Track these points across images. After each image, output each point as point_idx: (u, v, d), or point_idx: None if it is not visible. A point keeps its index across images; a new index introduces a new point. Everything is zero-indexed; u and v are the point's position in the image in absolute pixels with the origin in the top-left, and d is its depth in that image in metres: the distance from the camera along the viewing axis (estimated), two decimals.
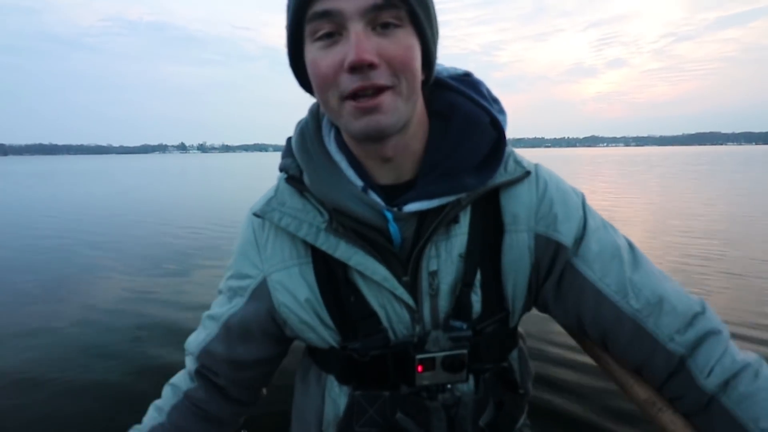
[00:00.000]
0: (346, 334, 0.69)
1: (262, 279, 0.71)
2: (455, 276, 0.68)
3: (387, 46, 0.58)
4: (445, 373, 0.66)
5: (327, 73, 0.59)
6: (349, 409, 0.69)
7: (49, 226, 10.53)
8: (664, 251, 6.82)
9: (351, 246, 0.64)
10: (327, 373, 0.73)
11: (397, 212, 0.65)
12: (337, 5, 0.56)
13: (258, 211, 0.70)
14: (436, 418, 0.68)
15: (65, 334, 4.23)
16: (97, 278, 6.24)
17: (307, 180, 0.67)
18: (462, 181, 0.66)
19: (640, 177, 24.83)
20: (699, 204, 11.83)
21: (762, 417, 0.53)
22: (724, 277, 5.38)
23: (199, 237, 8.80)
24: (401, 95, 0.60)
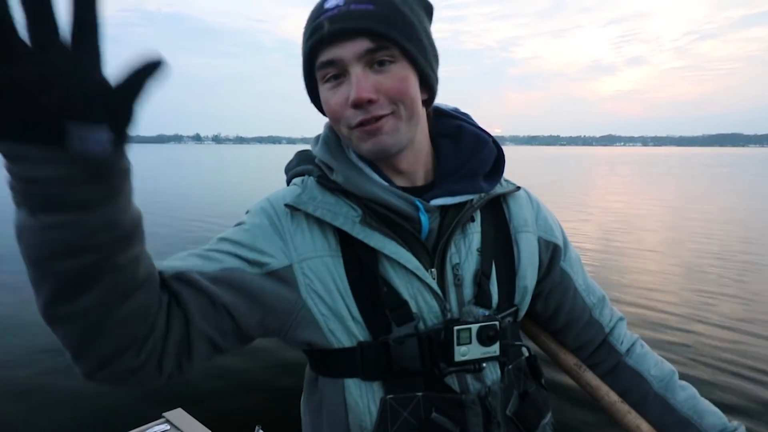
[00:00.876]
0: (376, 328, 0.70)
1: (287, 265, 0.70)
2: (476, 267, 0.75)
3: (383, 81, 0.67)
4: (480, 347, 0.70)
5: (336, 110, 0.69)
6: (382, 415, 0.68)
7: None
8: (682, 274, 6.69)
9: (384, 237, 0.70)
10: (344, 377, 0.71)
11: (426, 204, 0.72)
12: (337, 54, 0.66)
13: (291, 203, 0.71)
14: (472, 413, 0.71)
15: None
16: None
17: (340, 178, 0.73)
18: (478, 183, 0.76)
19: (656, 179, 24.31)
20: (718, 210, 11.53)
21: (651, 367, 0.85)
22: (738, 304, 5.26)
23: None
24: (401, 118, 0.69)
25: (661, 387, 0.83)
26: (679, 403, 0.81)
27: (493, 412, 0.72)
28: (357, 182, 0.72)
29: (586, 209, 12.12)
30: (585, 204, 13.12)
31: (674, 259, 6.80)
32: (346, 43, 0.65)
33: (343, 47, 0.66)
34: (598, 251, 7.37)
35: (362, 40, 0.65)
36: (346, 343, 0.70)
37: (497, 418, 0.72)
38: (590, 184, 21.33)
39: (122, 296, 0.53)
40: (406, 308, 0.70)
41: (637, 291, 5.37)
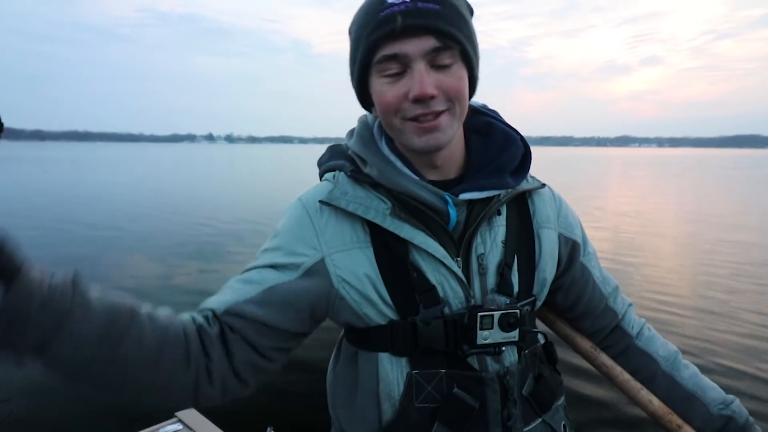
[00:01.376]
0: (405, 309, 0.75)
1: (319, 258, 0.75)
2: (499, 258, 0.80)
3: (444, 80, 0.70)
4: (501, 332, 0.74)
5: (392, 102, 0.71)
6: (407, 388, 0.75)
7: (95, 210, 10.87)
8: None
9: (414, 228, 0.74)
10: (378, 351, 0.77)
11: (454, 198, 0.76)
12: (403, 49, 0.68)
13: (325, 199, 0.76)
14: (491, 390, 0.76)
15: None
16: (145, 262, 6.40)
17: (374, 172, 0.76)
18: (505, 179, 0.80)
19: (672, 182, 23.93)
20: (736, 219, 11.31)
21: (659, 348, 0.92)
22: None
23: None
24: (455, 116, 0.73)
25: (668, 366, 0.90)
26: (684, 380, 0.88)
27: (510, 390, 0.77)
28: (390, 176, 0.75)
29: (599, 214, 11.96)
30: (598, 208, 12.95)
31: (689, 266, 6.67)
32: (412, 39, 0.67)
33: (410, 43, 0.68)
34: (610, 259, 7.26)
35: (429, 38, 0.68)
36: (379, 321, 0.76)
37: (514, 396, 0.78)
38: (604, 186, 21.06)
39: (146, 367, 0.64)
40: (433, 292, 0.75)
41: (650, 297, 5.27)
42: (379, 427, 0.76)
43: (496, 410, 0.76)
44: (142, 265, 6.54)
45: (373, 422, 0.77)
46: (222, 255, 7.03)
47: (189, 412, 2.35)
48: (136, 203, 12.99)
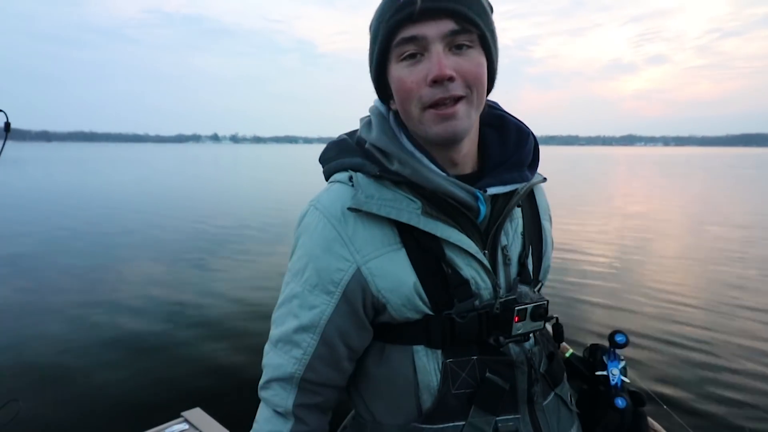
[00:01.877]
0: (440, 304, 0.77)
1: (355, 269, 0.75)
2: (520, 249, 0.83)
3: (462, 64, 0.70)
4: (532, 322, 0.79)
5: (411, 87, 0.71)
6: (444, 376, 0.77)
7: (97, 212, 10.92)
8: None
9: (447, 226, 0.75)
10: (412, 345, 0.79)
11: (483, 193, 0.77)
12: (421, 31, 0.69)
13: (354, 205, 0.74)
14: (520, 371, 0.80)
15: (99, 318, 4.38)
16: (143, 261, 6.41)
17: (407, 171, 0.75)
18: (525, 173, 0.82)
19: (678, 181, 23.74)
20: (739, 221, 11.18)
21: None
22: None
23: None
24: (473, 104, 0.73)
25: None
26: None
27: (535, 369, 0.82)
28: (424, 174, 0.74)
29: (605, 213, 11.89)
30: (603, 208, 12.88)
31: (695, 266, 6.62)
32: (431, 22, 0.68)
33: (429, 26, 0.68)
34: (614, 258, 7.21)
35: (448, 20, 0.68)
36: (415, 318, 0.78)
37: (537, 375, 0.82)
38: (609, 185, 20.94)
39: None
40: (467, 286, 0.77)
41: (655, 297, 5.23)
42: (419, 415, 0.78)
43: (524, 389, 0.80)
44: (145, 265, 6.56)
45: (412, 412, 0.78)
46: (227, 254, 7.04)
47: (195, 412, 2.35)
48: (138, 203, 13.04)
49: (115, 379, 3.37)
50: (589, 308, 4.79)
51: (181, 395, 3.05)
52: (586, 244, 7.71)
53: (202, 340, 4.05)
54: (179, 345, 3.95)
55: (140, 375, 3.42)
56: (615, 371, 0.88)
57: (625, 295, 5.22)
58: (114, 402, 3.09)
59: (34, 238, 8.04)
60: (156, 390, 3.21)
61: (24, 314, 4.61)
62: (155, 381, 3.33)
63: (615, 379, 0.88)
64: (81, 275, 5.99)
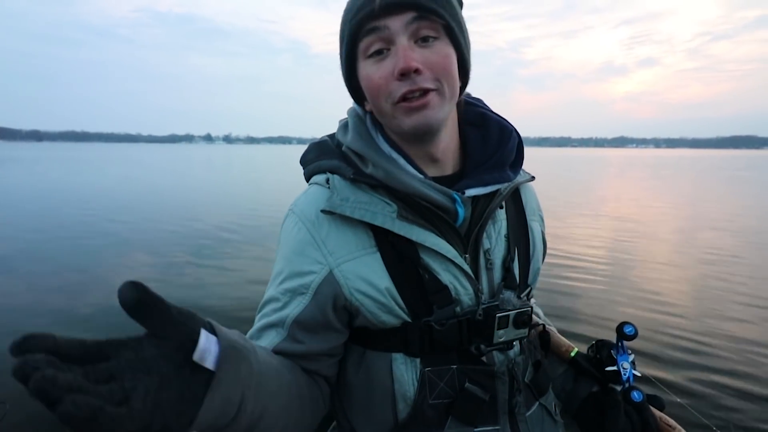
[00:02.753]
0: (418, 311, 0.75)
1: (327, 272, 0.74)
2: (504, 252, 0.81)
3: (429, 56, 0.69)
4: (515, 330, 0.77)
5: (379, 84, 0.70)
6: (421, 385, 0.75)
7: (86, 212, 10.82)
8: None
9: (423, 230, 0.73)
10: (391, 352, 0.77)
11: (461, 195, 0.74)
12: (384, 22, 0.68)
13: (327, 208, 0.73)
14: (500, 381, 0.78)
15: (89, 317, 4.32)
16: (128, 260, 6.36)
17: (380, 173, 0.73)
18: (506, 173, 0.80)
19: (669, 182, 23.99)
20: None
21: (540, 315, 1.03)
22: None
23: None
24: (444, 96, 0.71)
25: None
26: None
27: (517, 380, 0.80)
28: (398, 177, 0.73)
29: (595, 213, 11.97)
30: (594, 207, 12.97)
31: (686, 269, 6.67)
32: (394, 15, 0.68)
33: (391, 19, 0.68)
34: (606, 261, 7.25)
35: (409, 12, 0.68)
36: (394, 324, 0.76)
37: (519, 385, 0.80)
38: (601, 186, 21.11)
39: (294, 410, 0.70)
40: (446, 292, 0.75)
41: (647, 300, 5.26)
42: (395, 425, 0.76)
43: (504, 400, 0.78)
44: (135, 266, 6.50)
45: (388, 421, 0.77)
46: (220, 253, 6.99)
47: None
48: (128, 203, 12.94)
49: None
50: (584, 307, 4.81)
51: None
52: (581, 244, 7.74)
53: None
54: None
55: None
56: (625, 365, 0.84)
57: (621, 294, 5.24)
58: None
59: (19, 239, 7.94)
60: None
61: (10, 314, 4.53)
62: None
63: (626, 373, 0.84)
64: (69, 276, 5.90)
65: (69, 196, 14.62)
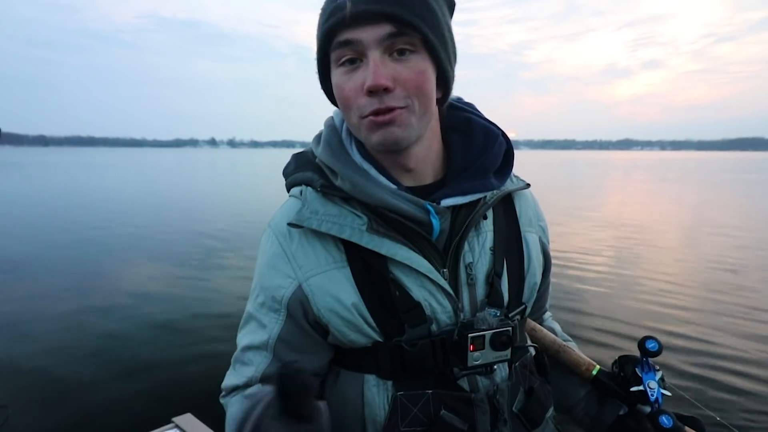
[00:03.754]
0: (389, 330, 0.71)
1: (296, 286, 0.72)
2: (488, 267, 0.75)
3: (402, 72, 0.64)
4: (493, 352, 0.70)
5: (349, 96, 0.66)
6: (393, 410, 0.70)
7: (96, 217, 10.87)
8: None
9: (394, 243, 0.69)
10: (364, 373, 0.74)
11: (436, 206, 0.70)
12: (356, 35, 0.63)
13: (294, 221, 0.71)
14: (481, 411, 0.72)
15: (100, 316, 4.36)
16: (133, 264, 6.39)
17: (347, 185, 0.70)
18: (489, 181, 0.75)
19: (674, 186, 23.78)
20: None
21: (558, 333, 0.98)
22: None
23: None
24: (414, 113, 0.67)
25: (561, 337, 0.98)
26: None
27: (500, 409, 0.73)
28: (365, 189, 0.69)
29: (599, 218, 11.91)
30: (598, 213, 12.91)
31: (694, 273, 6.62)
32: (367, 26, 0.63)
33: (364, 30, 0.63)
34: (609, 267, 7.21)
35: (384, 24, 0.62)
36: (364, 344, 0.72)
37: (504, 416, 0.74)
38: (606, 190, 20.99)
39: None
40: (418, 310, 0.70)
41: (654, 306, 5.23)
42: None
43: (486, 431, 0.72)
44: (137, 272, 6.53)
45: None
46: (221, 259, 7.02)
47: (186, 417, 2.34)
48: (132, 208, 13.00)
49: (106, 385, 3.34)
50: (590, 318, 4.79)
51: (171, 401, 3.02)
52: (586, 249, 7.71)
53: (193, 346, 4.02)
54: (170, 350, 3.93)
55: (131, 381, 3.39)
56: (652, 384, 0.77)
57: (629, 303, 5.22)
58: (104, 408, 3.07)
59: (20, 246, 7.99)
60: (146, 396, 3.18)
61: (13, 320, 4.57)
62: (146, 387, 3.31)
63: (654, 393, 0.76)
64: (71, 281, 5.94)
65: (76, 200, 14.71)
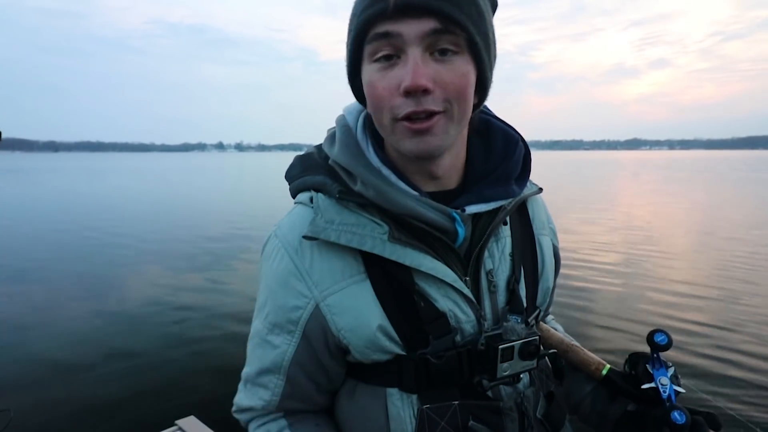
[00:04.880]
0: (414, 342, 0.68)
1: (314, 306, 0.68)
2: (509, 273, 0.74)
3: (443, 73, 0.60)
4: (521, 362, 0.69)
5: (383, 95, 0.61)
6: (420, 424, 0.68)
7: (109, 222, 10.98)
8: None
9: (418, 252, 0.66)
10: (385, 387, 0.70)
11: (461, 213, 0.68)
12: (397, 28, 0.58)
13: (309, 233, 0.66)
14: (509, 419, 0.71)
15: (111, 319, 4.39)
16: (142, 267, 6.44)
17: (370, 192, 0.66)
18: (511, 187, 0.73)
19: (684, 186, 23.54)
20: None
21: (559, 332, 0.94)
22: None
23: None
24: (452, 119, 0.63)
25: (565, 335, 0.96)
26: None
27: (528, 416, 0.73)
28: (389, 195, 0.65)
29: (609, 218, 11.83)
30: (607, 212, 12.81)
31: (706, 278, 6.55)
32: (410, 20, 0.58)
33: (406, 24, 0.58)
34: (619, 267, 7.16)
35: (429, 19, 0.57)
36: (387, 359, 0.69)
37: (530, 421, 0.73)
38: (615, 190, 20.82)
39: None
40: (443, 320, 0.68)
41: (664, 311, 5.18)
42: None
43: None
44: (141, 275, 6.58)
45: None
46: (226, 263, 7.06)
47: (189, 420, 2.36)
48: (140, 212, 13.11)
49: (109, 387, 3.37)
50: (604, 318, 4.75)
51: (174, 403, 3.04)
52: (595, 250, 7.66)
53: (196, 348, 4.05)
54: (173, 353, 3.96)
55: (134, 383, 3.42)
56: (664, 380, 0.75)
57: (639, 303, 5.17)
58: (108, 410, 3.10)
59: (26, 251, 8.09)
60: (150, 398, 3.21)
61: (17, 323, 4.63)
62: (149, 389, 3.33)
63: (666, 390, 0.74)
64: (75, 286, 6.01)
65: (86, 205, 14.86)
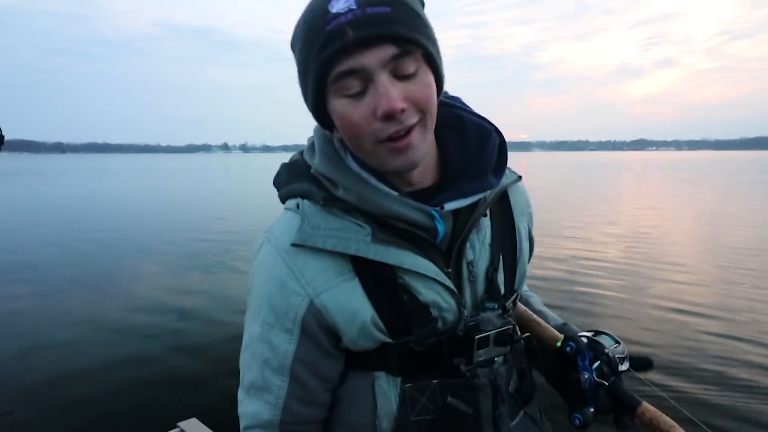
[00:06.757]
0: (398, 331, 0.74)
1: (309, 303, 0.72)
2: (487, 263, 0.78)
3: (411, 90, 0.64)
4: (496, 348, 0.77)
5: (360, 123, 0.64)
6: (402, 402, 0.74)
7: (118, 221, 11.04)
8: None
9: (400, 250, 0.71)
10: (374, 371, 0.76)
11: (440, 211, 0.72)
12: (360, 62, 0.61)
13: (297, 241, 0.71)
14: (483, 394, 0.77)
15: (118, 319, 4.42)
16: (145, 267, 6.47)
17: (352, 197, 0.70)
18: (488, 180, 0.76)
19: (691, 187, 23.36)
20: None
21: (534, 303, 1.02)
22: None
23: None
24: (426, 127, 0.67)
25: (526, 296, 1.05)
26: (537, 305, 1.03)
27: (500, 391, 0.79)
28: (371, 199, 0.70)
29: (615, 219, 11.76)
30: (613, 214, 12.74)
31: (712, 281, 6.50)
32: (369, 50, 0.60)
33: (367, 55, 0.60)
34: (623, 273, 7.12)
35: (388, 46, 0.60)
36: (373, 347, 0.75)
37: (502, 396, 0.79)
38: (621, 190, 20.71)
39: None
40: (425, 311, 0.73)
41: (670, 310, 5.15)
42: None
43: (488, 412, 0.78)
44: (146, 277, 6.62)
45: None
46: (231, 265, 7.09)
47: (192, 422, 2.36)
48: (147, 213, 13.19)
49: (111, 389, 3.38)
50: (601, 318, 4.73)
51: (176, 405, 3.05)
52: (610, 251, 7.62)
53: (199, 350, 4.06)
54: (176, 355, 3.97)
55: (136, 385, 3.43)
56: (586, 375, 0.80)
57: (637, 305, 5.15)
58: (110, 413, 3.10)
59: (30, 252, 8.15)
60: (152, 400, 3.22)
61: (20, 325, 4.66)
62: (151, 391, 3.34)
63: (586, 383, 0.80)
64: (79, 287, 6.04)
65: (92, 206, 14.97)
